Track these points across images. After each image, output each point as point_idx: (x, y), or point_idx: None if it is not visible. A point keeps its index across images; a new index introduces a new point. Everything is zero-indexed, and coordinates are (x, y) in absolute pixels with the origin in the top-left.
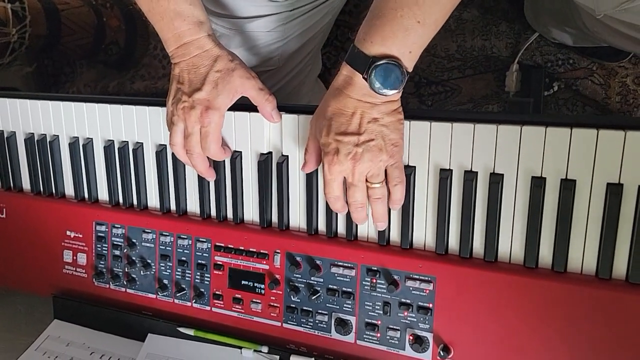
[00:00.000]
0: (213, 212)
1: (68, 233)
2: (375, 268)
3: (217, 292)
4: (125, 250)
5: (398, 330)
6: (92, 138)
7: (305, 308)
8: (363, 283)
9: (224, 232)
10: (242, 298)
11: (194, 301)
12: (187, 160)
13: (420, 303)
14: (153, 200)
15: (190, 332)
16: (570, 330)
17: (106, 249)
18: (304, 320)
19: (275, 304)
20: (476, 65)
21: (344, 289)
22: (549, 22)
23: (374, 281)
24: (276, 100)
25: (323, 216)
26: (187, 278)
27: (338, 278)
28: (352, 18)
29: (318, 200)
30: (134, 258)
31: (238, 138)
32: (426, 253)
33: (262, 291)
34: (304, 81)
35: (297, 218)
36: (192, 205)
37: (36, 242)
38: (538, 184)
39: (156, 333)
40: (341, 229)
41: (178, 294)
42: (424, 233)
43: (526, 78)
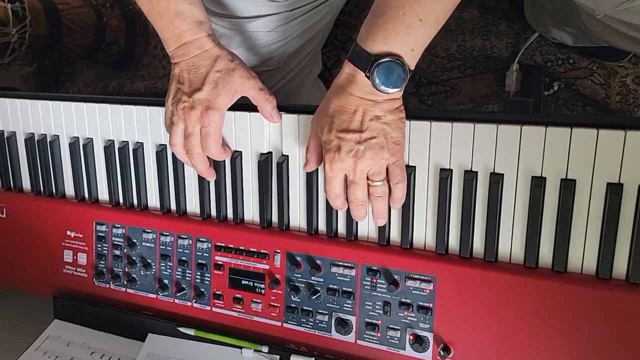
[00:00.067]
0: (213, 212)
1: (68, 233)
2: (375, 268)
3: (218, 292)
4: (125, 250)
5: (398, 330)
6: (92, 138)
7: (305, 308)
8: (363, 283)
9: (224, 232)
10: (243, 298)
11: (194, 301)
12: (187, 160)
13: (420, 303)
14: (153, 200)
15: (190, 332)
16: (570, 330)
17: (106, 249)
18: (304, 320)
19: (275, 304)
20: (476, 65)
21: (344, 289)
22: (549, 22)
23: (374, 281)
24: (276, 100)
25: (323, 216)
26: (188, 278)
27: (338, 278)
28: (352, 18)
29: (318, 200)
30: (134, 258)
31: (238, 138)
32: (426, 253)
33: (263, 291)
34: (304, 81)
35: (297, 218)
36: (192, 205)
37: (36, 242)
38: (538, 184)
39: (156, 333)
40: (341, 229)
41: (178, 294)
42: (424, 233)
43: (526, 78)
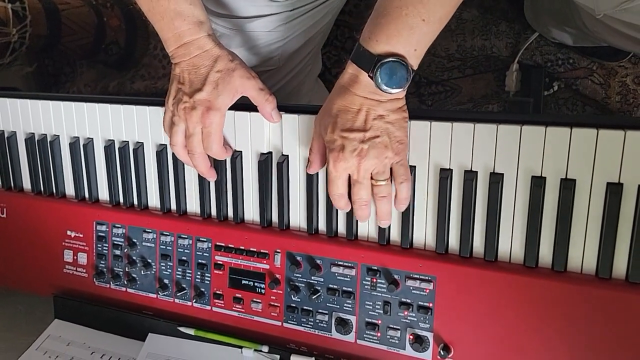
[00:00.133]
0: (213, 212)
1: (68, 233)
2: (375, 267)
3: (218, 292)
4: (125, 250)
5: (398, 329)
6: (93, 138)
7: (305, 307)
8: (363, 282)
9: (225, 232)
10: (243, 298)
11: (195, 301)
12: (188, 160)
13: (420, 302)
14: (153, 200)
15: (190, 332)
16: (570, 330)
17: (107, 249)
18: (305, 319)
19: (275, 304)
20: (476, 65)
21: (344, 289)
22: (549, 22)
23: (374, 281)
24: (276, 100)
25: (323, 216)
26: (188, 278)
27: (338, 277)
28: (352, 18)
29: (318, 199)
30: (135, 258)
31: (238, 138)
32: (426, 252)
33: (263, 291)
34: (304, 81)
35: (298, 218)
36: (193, 205)
37: (37, 242)
38: (538, 184)
39: (157, 333)
40: (341, 229)
41: (178, 294)
42: (424, 232)
43: (526, 78)
